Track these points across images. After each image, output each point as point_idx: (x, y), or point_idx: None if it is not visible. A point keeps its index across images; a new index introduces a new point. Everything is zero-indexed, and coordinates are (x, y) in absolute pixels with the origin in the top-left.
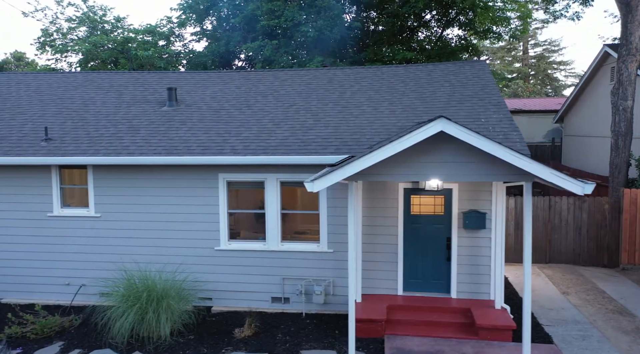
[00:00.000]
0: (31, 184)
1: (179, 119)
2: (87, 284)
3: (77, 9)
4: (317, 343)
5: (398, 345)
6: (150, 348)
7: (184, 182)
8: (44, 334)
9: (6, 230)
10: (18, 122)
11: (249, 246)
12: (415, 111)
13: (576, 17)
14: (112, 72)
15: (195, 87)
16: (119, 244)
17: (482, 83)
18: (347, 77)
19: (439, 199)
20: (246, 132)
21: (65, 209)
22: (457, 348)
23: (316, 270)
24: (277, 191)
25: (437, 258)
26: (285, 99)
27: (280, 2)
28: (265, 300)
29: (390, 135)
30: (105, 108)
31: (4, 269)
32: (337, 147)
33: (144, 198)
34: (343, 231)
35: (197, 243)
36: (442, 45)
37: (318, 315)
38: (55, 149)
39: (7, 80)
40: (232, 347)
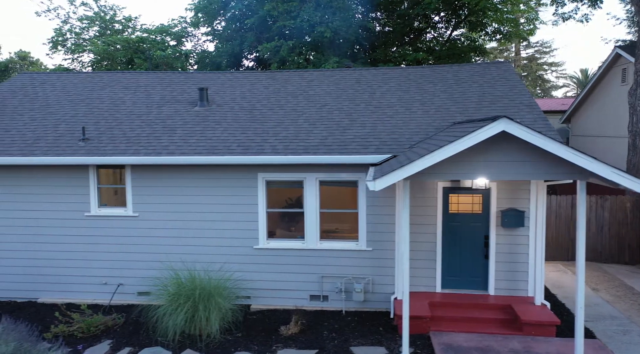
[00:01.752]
0: (68, 184)
1: (213, 119)
2: (125, 284)
3: (87, 9)
4: (364, 340)
5: (446, 341)
6: (202, 345)
7: (223, 181)
8: (90, 332)
9: (43, 230)
10: (51, 122)
11: (288, 244)
12: (449, 111)
13: (585, 20)
14: (137, 72)
15: (223, 87)
16: (157, 244)
17: (510, 84)
18: (374, 78)
19: (477, 198)
20: (283, 132)
21: (102, 209)
22: (503, 344)
23: (355, 268)
24: (316, 190)
25: (475, 256)
26: (316, 99)
27: (297, 2)
28: (304, 298)
29: (428, 135)
30: (137, 108)
31: (41, 268)
32: (377, 147)
33: (182, 197)
34: (382, 229)
35: (235, 242)
36: (451, 46)
37: (358, 312)
38: (94, 149)
39: (31, 80)
40: (282, 344)
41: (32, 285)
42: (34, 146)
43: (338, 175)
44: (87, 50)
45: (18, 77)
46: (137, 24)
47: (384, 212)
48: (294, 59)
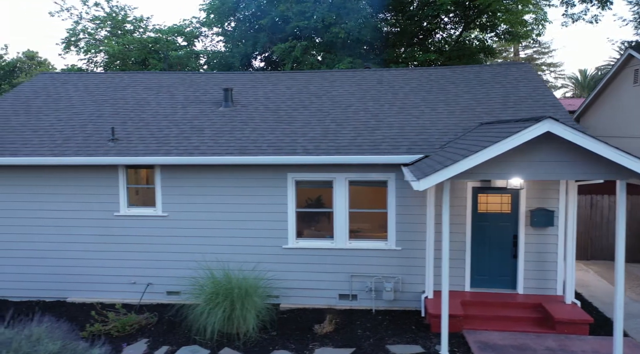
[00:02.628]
0: (98, 184)
1: (240, 119)
2: (154, 283)
3: (99, 9)
4: (399, 338)
5: (481, 339)
6: (239, 344)
7: (252, 181)
8: (125, 331)
9: (73, 229)
10: (78, 123)
11: (317, 244)
12: (474, 111)
13: (595, 21)
14: (157, 73)
15: (245, 88)
16: (187, 243)
17: (533, 85)
18: (395, 79)
19: (505, 198)
20: (311, 132)
21: (131, 209)
22: (538, 342)
23: (384, 267)
24: (346, 190)
25: (504, 255)
26: (340, 100)
27: (311, 3)
28: (333, 297)
29: (457, 135)
30: (162, 108)
31: (70, 268)
32: (408, 147)
33: (212, 197)
34: (411, 229)
35: (264, 242)
36: (460, 46)
37: (387, 311)
38: (125, 149)
39: (52, 81)
40: (318, 343)
41: (60, 285)
42: (63, 146)
43: (368, 175)
44: (102, 50)
45: (39, 77)
46: (149, 24)
47: (414, 212)
48: (308, 60)
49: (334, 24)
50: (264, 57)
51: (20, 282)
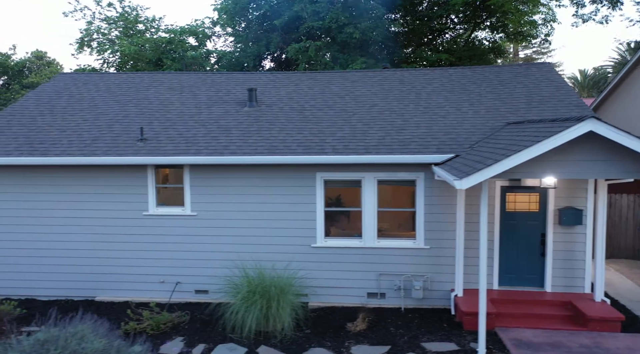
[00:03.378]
0: (127, 183)
1: (266, 119)
2: (182, 282)
3: (111, 9)
4: (432, 336)
5: (515, 336)
6: (276, 341)
7: (281, 181)
8: (159, 330)
9: (101, 229)
10: (104, 123)
11: (345, 243)
12: (499, 111)
13: (605, 21)
14: (178, 73)
15: (267, 88)
16: (215, 243)
17: (555, 85)
18: (416, 79)
19: (534, 197)
20: (339, 132)
21: (160, 208)
22: (572, 339)
23: (412, 266)
24: (375, 189)
25: (531, 253)
26: (364, 100)
27: (324, 3)
28: (361, 296)
29: (485, 135)
30: (187, 108)
31: (99, 267)
32: (437, 147)
33: (240, 197)
34: (440, 228)
35: (293, 241)
36: (470, 47)
37: (416, 310)
38: (154, 149)
39: (73, 81)
40: (353, 340)
41: (89, 284)
42: (92, 146)
43: (396, 174)
44: (118, 50)
45: (59, 78)
46: (161, 24)
47: (442, 211)
48: (321, 60)
49: (348, 24)
50: (274, 57)
51: (48, 281)
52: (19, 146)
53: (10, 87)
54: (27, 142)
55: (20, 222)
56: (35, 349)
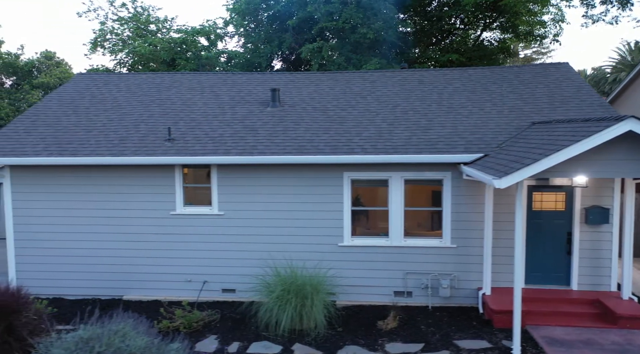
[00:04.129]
0: (154, 183)
1: (291, 119)
2: (209, 281)
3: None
4: (463, 334)
5: (546, 334)
6: (309, 339)
7: (308, 180)
8: (192, 328)
9: (129, 228)
10: (130, 123)
11: (372, 241)
12: (522, 111)
13: (615, 22)
14: (197, 73)
15: (287, 88)
16: (243, 242)
17: (576, 85)
18: (435, 79)
19: (560, 196)
20: (364, 132)
21: (187, 208)
22: (603, 336)
23: (438, 265)
24: (401, 188)
25: (557, 252)
26: (386, 100)
27: (338, 4)
28: (388, 294)
29: (511, 134)
30: (210, 109)
31: (126, 266)
32: (465, 146)
33: (267, 196)
34: (466, 226)
35: (320, 240)
36: (479, 47)
37: (443, 308)
38: (182, 149)
39: (93, 81)
40: (387, 338)
41: (116, 283)
42: (120, 146)
43: (423, 174)
44: (134, 51)
45: (78, 78)
46: (173, 24)
47: (469, 210)
48: (335, 60)
49: (361, 25)
50: (284, 57)
51: (75, 280)
52: (47, 146)
53: (20, 87)
54: (55, 143)
55: (48, 222)
56: (80, 347)
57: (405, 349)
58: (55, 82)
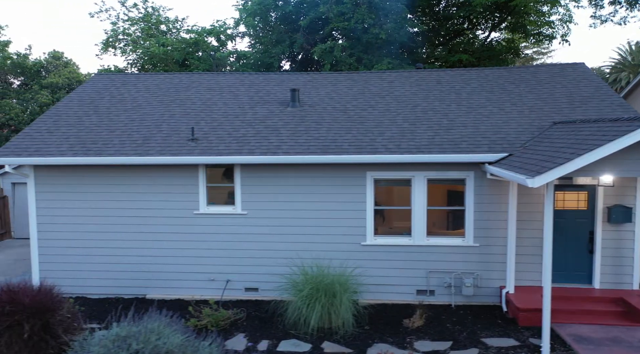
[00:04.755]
0: (178, 182)
1: (312, 119)
2: (232, 280)
3: (132, 10)
4: (490, 332)
5: (572, 332)
6: (337, 337)
7: (331, 180)
8: (219, 326)
9: (152, 228)
10: (152, 123)
11: (395, 241)
12: (542, 111)
13: (623, 22)
14: (214, 74)
15: (306, 88)
16: (266, 241)
17: (594, 85)
18: (452, 79)
19: (582, 195)
20: (387, 131)
21: (210, 207)
22: (630, 334)
23: (461, 263)
24: (424, 188)
25: (580, 251)
26: (405, 100)
27: (350, 4)
28: (410, 293)
29: (533, 134)
30: (230, 109)
31: (149, 265)
32: (489, 146)
33: (290, 196)
34: (489, 225)
35: (343, 239)
36: (488, 47)
37: (466, 306)
38: (207, 148)
39: (111, 81)
40: (414, 336)
41: (139, 282)
42: (145, 146)
43: (446, 173)
44: (147, 51)
45: (96, 78)
46: (183, 25)
47: (491, 209)
48: (346, 60)
49: (373, 25)
50: (293, 57)
51: (98, 279)
52: (71, 146)
53: (29, 87)
54: (79, 142)
55: (71, 221)
56: (117, 345)
57: (434, 347)
58: (64, 82)
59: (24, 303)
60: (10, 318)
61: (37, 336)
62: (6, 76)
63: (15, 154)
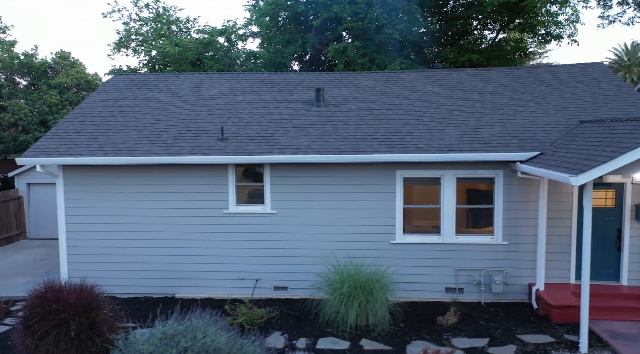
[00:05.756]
0: (207, 182)
1: (339, 118)
2: (261, 279)
3: (143, 10)
4: (524, 329)
5: (606, 328)
6: (375, 335)
7: (361, 179)
8: (254, 324)
9: (182, 227)
10: (179, 123)
11: (424, 239)
12: (567, 110)
13: (631, 23)
14: (234, 74)
15: (328, 88)
16: (295, 240)
17: (615, 84)
18: (473, 78)
19: (610, 193)
20: (415, 131)
21: (240, 206)
22: None
23: (490, 261)
24: (453, 186)
25: (607, 248)
26: (429, 100)
27: (363, 5)
28: (439, 291)
29: (561, 133)
30: (255, 108)
31: (179, 265)
32: (519, 144)
33: (320, 194)
34: (517, 224)
35: (372, 237)
36: (497, 47)
37: (496, 304)
38: (238, 148)
39: (132, 82)
40: (450, 333)
41: (168, 281)
42: (175, 146)
43: (475, 172)
44: (162, 51)
45: (115, 79)
46: (195, 25)
47: (520, 207)
48: (359, 60)
49: (387, 25)
50: (299, 57)
51: (127, 279)
52: (101, 146)
53: (37, 87)
54: (108, 142)
55: (99, 221)
56: (165, 343)
57: (471, 343)
58: (73, 82)
59: (69, 301)
60: (57, 317)
61: (84, 335)
62: (13, 76)
63: (46, 154)
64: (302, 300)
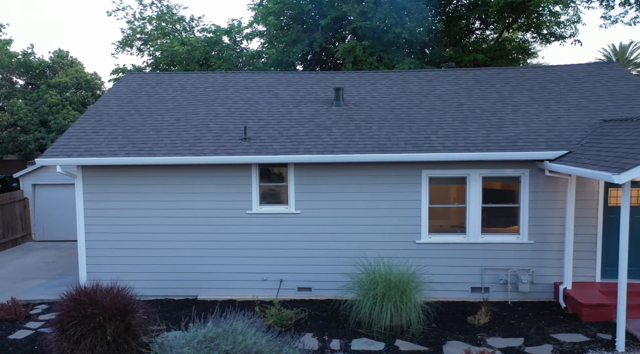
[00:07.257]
0: (230, 182)
1: (361, 117)
2: (285, 279)
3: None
4: (556, 328)
5: (638, 326)
6: (409, 335)
7: (386, 178)
8: (283, 326)
9: (204, 228)
10: (199, 123)
11: (449, 238)
12: (589, 108)
13: (633, 23)
14: (249, 73)
15: (346, 87)
16: (319, 240)
17: (633, 83)
18: (490, 78)
19: (635, 191)
20: (439, 130)
21: (263, 207)
22: None
23: (516, 260)
24: (479, 186)
25: (634, 247)
26: (448, 99)
27: (372, 4)
28: (465, 290)
29: (586, 132)
30: (275, 108)
31: (201, 266)
32: (546, 143)
33: (344, 194)
34: (544, 223)
35: (397, 237)
36: (501, 47)
37: (523, 303)
38: (262, 147)
39: (144, 81)
40: (484, 333)
41: (190, 283)
42: (198, 146)
43: (501, 171)
44: (169, 50)
45: (128, 78)
46: (199, 24)
47: (546, 206)
48: (367, 60)
49: (395, 25)
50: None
51: (148, 281)
52: (121, 146)
53: (36, 87)
54: (129, 142)
55: (119, 223)
56: (206, 346)
57: (507, 343)
58: (72, 82)
59: (104, 304)
60: (92, 320)
61: (121, 338)
62: (10, 76)
63: (66, 155)
64: (327, 301)
